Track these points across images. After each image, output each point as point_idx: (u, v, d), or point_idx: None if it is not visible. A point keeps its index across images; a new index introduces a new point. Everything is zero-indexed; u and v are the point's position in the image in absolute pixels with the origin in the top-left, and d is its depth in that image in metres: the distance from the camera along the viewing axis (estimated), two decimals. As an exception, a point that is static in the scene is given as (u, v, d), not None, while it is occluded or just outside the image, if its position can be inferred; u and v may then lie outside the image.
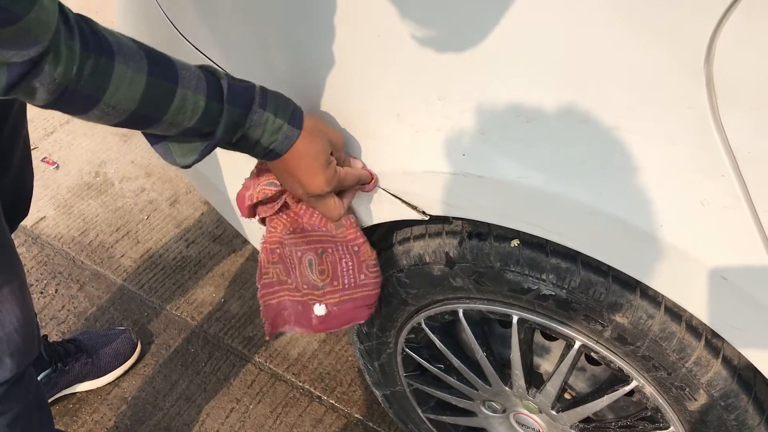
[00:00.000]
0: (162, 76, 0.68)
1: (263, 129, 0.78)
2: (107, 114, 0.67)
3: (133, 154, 2.39)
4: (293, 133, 0.80)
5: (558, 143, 0.73)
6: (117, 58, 0.64)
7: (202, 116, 0.72)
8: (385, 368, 1.28)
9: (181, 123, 0.72)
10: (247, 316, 1.87)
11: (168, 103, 0.69)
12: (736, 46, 0.59)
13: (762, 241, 0.66)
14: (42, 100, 0.62)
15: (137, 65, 0.66)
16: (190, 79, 0.71)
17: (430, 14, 0.76)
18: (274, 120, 0.78)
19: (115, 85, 0.64)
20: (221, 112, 0.74)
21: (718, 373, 0.83)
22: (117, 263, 2.03)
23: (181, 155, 0.77)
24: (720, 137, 0.64)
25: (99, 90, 0.64)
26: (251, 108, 0.76)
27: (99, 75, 0.63)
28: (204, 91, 0.72)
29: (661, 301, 0.83)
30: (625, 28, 0.64)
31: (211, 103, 0.73)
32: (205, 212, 2.17)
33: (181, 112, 0.71)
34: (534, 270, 0.88)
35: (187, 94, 0.70)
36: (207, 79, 0.73)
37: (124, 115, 0.68)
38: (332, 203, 0.89)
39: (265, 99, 0.77)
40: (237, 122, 0.76)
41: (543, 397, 1.05)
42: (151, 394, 1.71)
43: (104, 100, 0.65)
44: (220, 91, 0.73)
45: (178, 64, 0.71)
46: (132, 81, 0.66)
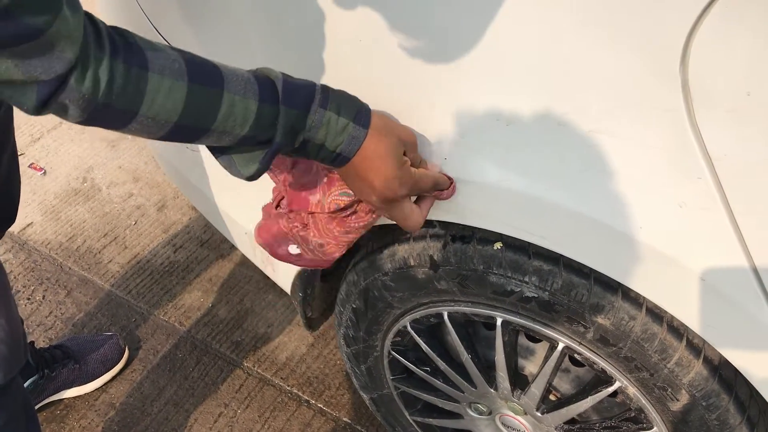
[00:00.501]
0: (204, 83, 0.65)
1: (326, 130, 0.71)
2: (149, 126, 0.63)
3: (120, 159, 2.38)
4: (360, 133, 0.73)
5: (537, 146, 0.74)
6: (151, 68, 0.61)
7: (255, 122, 0.68)
8: (372, 371, 1.28)
9: (233, 131, 0.67)
10: (235, 321, 1.87)
11: (214, 110, 0.65)
12: (710, 49, 0.60)
13: (739, 243, 0.67)
14: (76, 116, 0.60)
15: (175, 73, 0.63)
16: (237, 83, 0.67)
17: (411, 20, 0.77)
18: (337, 120, 0.71)
19: (151, 96, 0.61)
20: (276, 116, 0.68)
21: (699, 373, 0.84)
22: (104, 269, 2.02)
23: (244, 165, 0.73)
24: (696, 140, 0.64)
25: (134, 103, 0.61)
26: (310, 108, 0.70)
27: (132, 87, 0.60)
28: (255, 94, 0.67)
29: (642, 303, 0.84)
30: (602, 32, 0.65)
31: (264, 106, 0.68)
32: (193, 217, 2.16)
33: (231, 119, 0.66)
34: (517, 272, 0.89)
35: (234, 99, 0.66)
36: (258, 82, 0.68)
37: (167, 126, 0.64)
38: (409, 209, 0.80)
39: (326, 97, 0.71)
40: (296, 125, 0.70)
41: (528, 399, 1.06)
42: (138, 399, 1.71)
43: (141, 112, 0.62)
44: (275, 93, 0.68)
45: (224, 68, 0.67)
46: (170, 90, 0.62)
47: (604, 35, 0.65)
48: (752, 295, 0.70)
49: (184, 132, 0.66)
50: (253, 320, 1.87)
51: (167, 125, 0.64)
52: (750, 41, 0.58)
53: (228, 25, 0.96)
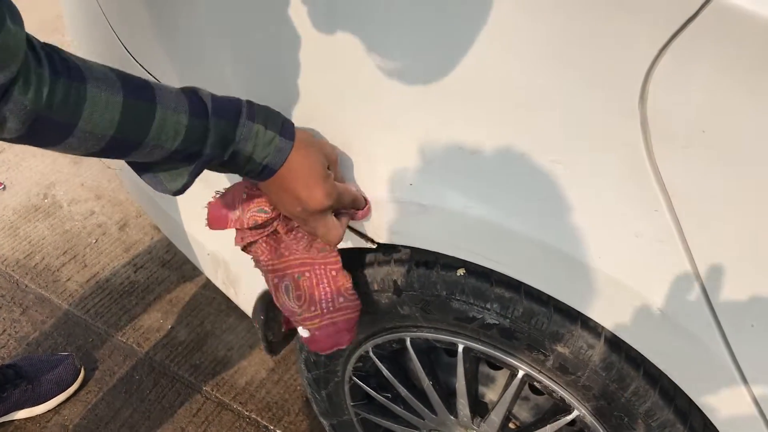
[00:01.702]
0: (138, 97, 0.66)
1: (254, 143, 0.74)
2: (85, 141, 0.64)
3: (83, 176, 2.35)
4: (286, 145, 0.75)
5: (500, 175, 0.75)
6: (89, 82, 0.62)
7: (186, 135, 0.69)
8: (333, 397, 1.27)
9: (165, 145, 0.69)
10: (194, 344, 1.85)
11: (148, 124, 0.67)
12: (668, 86, 0.62)
13: (693, 274, 0.69)
14: (13, 131, 0.59)
15: (111, 88, 0.64)
16: (168, 99, 0.68)
17: (381, 46, 0.78)
18: (264, 132, 0.74)
19: (89, 109, 0.62)
20: (207, 129, 0.70)
21: (655, 403, 0.86)
22: (62, 287, 1.98)
23: (171, 181, 0.74)
24: (654, 173, 0.66)
25: (73, 115, 0.62)
26: (239, 120, 0.72)
27: (72, 99, 0.61)
28: (185, 108, 0.69)
29: (601, 332, 0.85)
30: (565, 67, 0.67)
31: (195, 119, 0.70)
32: (155, 237, 2.14)
33: (164, 132, 0.68)
34: (479, 299, 0.90)
35: (166, 113, 0.68)
36: (188, 97, 0.70)
37: (104, 141, 0.65)
38: (332, 222, 0.83)
39: (252, 111, 0.74)
40: (226, 136, 0.72)
41: (487, 427, 1.06)
42: (93, 421, 1.67)
43: (80, 126, 0.62)
44: (204, 108, 0.71)
45: (155, 85, 0.69)
46: (107, 103, 0.63)
47: (567, 70, 0.66)
48: (705, 325, 0.71)
49: (118, 146, 0.67)
50: (213, 343, 1.85)
51: (104, 139, 0.65)
52: (705, 80, 0.60)
53: (200, 47, 0.96)
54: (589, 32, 0.64)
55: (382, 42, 0.77)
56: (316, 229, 0.83)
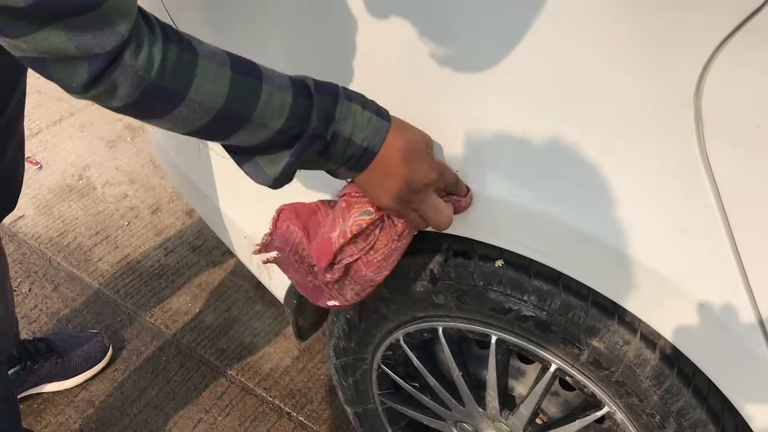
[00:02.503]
0: (246, 73, 0.67)
1: (353, 122, 0.74)
2: (193, 112, 0.65)
3: (118, 160, 2.38)
4: (383, 125, 0.76)
5: (549, 164, 0.75)
6: (200, 53, 0.64)
7: (291, 113, 0.70)
8: (359, 385, 1.28)
9: (270, 123, 0.70)
10: (221, 328, 1.87)
11: (255, 99, 0.68)
12: (724, 80, 0.62)
13: (739, 272, 0.69)
14: (124, 97, 0.61)
15: (220, 61, 0.65)
16: (273, 77, 0.70)
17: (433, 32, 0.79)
18: (362, 112, 0.75)
19: (200, 79, 0.63)
20: (310, 107, 0.71)
21: (688, 402, 0.85)
22: (94, 267, 2.01)
23: (271, 165, 0.75)
24: (705, 168, 0.66)
25: (184, 84, 0.63)
26: (338, 100, 0.73)
27: (183, 68, 0.62)
28: (289, 88, 0.71)
29: (637, 328, 0.85)
30: (621, 58, 0.67)
31: (298, 99, 0.71)
32: (187, 222, 2.17)
33: (269, 109, 0.69)
34: (516, 291, 0.90)
35: (273, 90, 0.69)
36: (290, 78, 0.72)
37: (211, 113, 0.66)
38: (440, 203, 0.80)
39: (349, 93, 0.75)
40: (327, 113, 0.73)
41: (515, 420, 1.06)
42: (119, 399, 1.69)
43: (189, 95, 0.63)
44: (306, 87, 0.72)
45: (260, 65, 0.70)
46: (217, 76, 0.65)
47: (623, 60, 0.67)
48: (749, 326, 0.71)
49: (224, 121, 0.68)
50: (239, 329, 1.87)
51: (211, 112, 0.66)
52: (762, 75, 0.60)
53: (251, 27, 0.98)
54: (648, 22, 0.64)
55: (433, 28, 0.78)
56: (425, 210, 0.80)
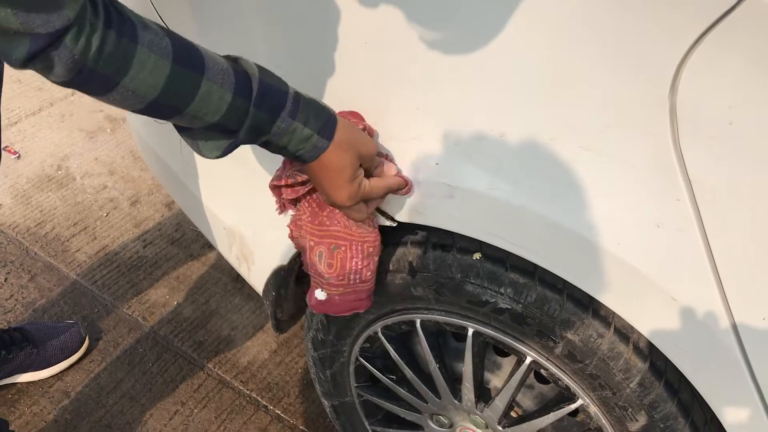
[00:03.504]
0: (187, 66, 0.66)
1: (290, 138, 0.75)
2: (127, 98, 0.65)
3: (97, 151, 2.37)
4: (322, 144, 0.76)
5: (527, 158, 0.77)
6: (140, 41, 0.63)
7: (226, 113, 0.70)
8: (337, 378, 1.29)
9: (204, 117, 0.69)
10: (199, 321, 1.86)
11: (191, 95, 0.67)
12: (699, 78, 0.64)
13: (710, 266, 0.71)
14: (59, 75, 0.61)
15: (161, 52, 0.64)
16: (216, 72, 0.68)
17: (416, 26, 0.79)
18: (302, 129, 0.74)
19: (136, 69, 0.63)
20: (246, 113, 0.71)
21: (660, 395, 0.87)
22: (71, 257, 2.00)
23: (206, 148, 0.75)
24: (678, 163, 0.68)
25: (118, 72, 0.62)
26: (279, 115, 0.72)
27: (119, 56, 0.62)
28: (231, 85, 0.69)
29: (611, 322, 0.87)
30: (598, 55, 0.68)
31: (238, 99, 0.70)
32: (166, 215, 2.16)
33: (206, 105, 0.68)
34: (493, 283, 0.91)
35: (212, 87, 0.68)
36: (236, 74, 0.70)
37: (145, 102, 0.66)
38: (354, 211, 0.86)
39: (296, 107, 0.74)
40: (262, 128, 0.73)
41: (491, 412, 1.08)
42: (94, 390, 1.68)
43: (123, 83, 0.63)
44: (249, 90, 0.71)
45: (206, 55, 0.69)
46: (155, 67, 0.64)
47: (599, 57, 0.68)
48: (719, 319, 0.73)
49: (159, 109, 0.68)
50: (217, 322, 1.87)
51: (145, 100, 0.66)
52: (736, 73, 0.62)
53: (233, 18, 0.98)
54: (625, 19, 0.65)
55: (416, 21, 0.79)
56: (341, 210, 0.87)
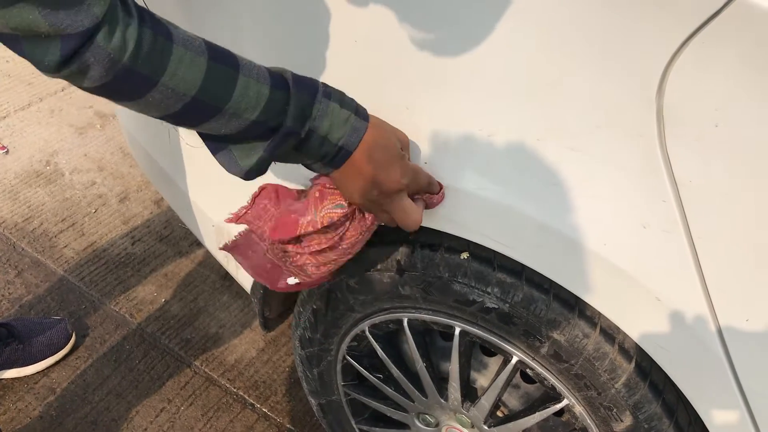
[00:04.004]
0: (222, 62, 0.66)
1: (330, 121, 0.73)
2: (166, 98, 0.64)
3: (87, 147, 2.36)
4: (361, 125, 0.75)
5: (516, 158, 0.77)
6: (175, 40, 0.63)
7: (266, 106, 0.69)
8: (324, 376, 1.29)
9: (244, 114, 0.69)
10: (187, 318, 1.86)
11: (230, 89, 0.67)
12: (685, 80, 0.64)
13: (695, 267, 0.71)
14: (96, 79, 0.59)
15: (196, 49, 0.64)
16: (251, 68, 0.69)
17: (405, 26, 0.80)
18: (340, 111, 0.73)
19: (174, 65, 0.62)
20: (287, 100, 0.70)
21: (644, 395, 0.88)
22: (59, 253, 1.99)
23: (244, 156, 0.73)
24: (665, 164, 0.68)
25: (157, 70, 0.62)
26: (316, 97, 0.72)
27: (157, 53, 0.61)
28: (267, 80, 0.69)
29: (597, 322, 0.87)
30: (586, 55, 0.69)
31: (276, 91, 0.69)
32: (155, 212, 2.15)
33: (244, 100, 0.68)
34: (480, 283, 0.92)
35: (249, 81, 0.68)
36: (269, 71, 0.71)
37: (184, 100, 0.65)
38: (410, 205, 0.81)
39: (328, 90, 0.74)
40: (304, 110, 0.71)
41: (477, 411, 1.08)
42: (80, 386, 1.67)
43: (163, 81, 0.62)
44: (284, 81, 0.71)
45: (238, 55, 0.69)
46: (192, 63, 0.63)
47: (589, 58, 0.69)
48: (704, 321, 0.74)
49: (198, 109, 0.67)
50: (205, 319, 1.86)
51: (184, 98, 0.65)
52: (722, 76, 0.63)
53: (222, 18, 0.98)
54: (614, 21, 0.66)
55: (407, 23, 0.79)
56: (394, 212, 0.81)
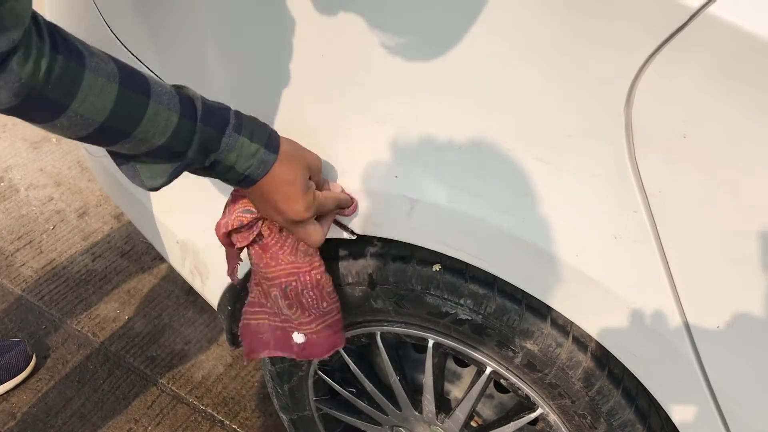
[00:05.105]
0: (134, 89, 0.66)
1: (237, 154, 0.75)
2: (75, 123, 0.64)
3: (42, 161, 2.30)
4: (269, 158, 0.77)
5: (487, 170, 0.77)
6: (88, 65, 0.62)
7: (174, 133, 0.70)
8: (295, 392, 1.27)
9: (152, 140, 0.69)
10: (151, 335, 1.82)
11: (139, 116, 0.67)
12: (654, 91, 0.65)
13: (666, 276, 0.72)
14: (3, 102, 0.59)
15: (108, 75, 0.64)
16: (162, 94, 0.69)
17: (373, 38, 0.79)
18: (249, 144, 0.75)
19: (84, 92, 0.62)
20: (194, 131, 0.71)
21: (618, 402, 0.88)
22: (16, 272, 1.93)
23: (150, 177, 0.74)
24: (634, 175, 0.69)
25: (67, 96, 0.61)
26: (225, 131, 0.73)
27: (68, 80, 0.61)
28: (177, 107, 0.70)
29: (569, 331, 0.88)
30: (555, 66, 0.69)
31: (184, 120, 0.70)
32: (115, 227, 2.11)
33: (153, 127, 0.68)
34: (453, 294, 0.91)
35: (159, 108, 0.68)
36: (180, 97, 0.71)
37: (93, 126, 0.65)
38: (312, 229, 0.85)
39: (240, 123, 0.75)
40: (210, 145, 0.73)
41: (451, 423, 1.08)
42: (42, 410, 1.63)
43: (72, 107, 0.62)
44: (194, 110, 0.71)
45: (151, 79, 0.69)
46: (102, 90, 0.63)
47: (558, 69, 0.69)
48: (675, 328, 0.74)
49: (106, 134, 0.67)
50: (170, 336, 1.83)
51: (94, 124, 0.65)
52: (689, 88, 0.63)
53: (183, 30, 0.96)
54: (582, 33, 0.66)
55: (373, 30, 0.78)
56: (298, 235, 0.86)
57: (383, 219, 0.87)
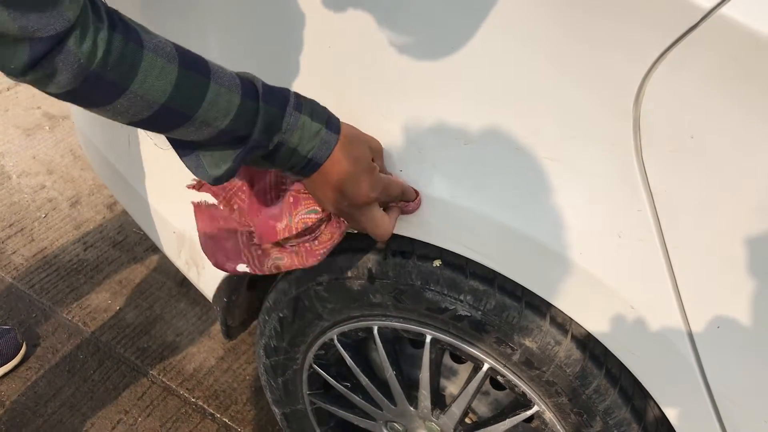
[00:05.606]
0: (194, 69, 0.65)
1: (300, 134, 0.72)
2: (134, 105, 0.62)
3: (35, 149, 2.28)
4: (332, 138, 0.74)
5: (493, 167, 0.77)
6: (146, 45, 0.61)
7: (236, 115, 0.68)
8: (289, 385, 1.27)
9: (214, 122, 0.67)
10: (143, 326, 1.81)
11: (200, 98, 0.66)
12: (662, 92, 0.65)
13: (668, 275, 0.72)
14: (63, 84, 0.57)
15: (168, 55, 0.63)
16: (222, 76, 0.67)
17: (381, 33, 0.79)
18: (311, 123, 0.73)
19: (144, 72, 0.61)
20: (257, 111, 0.69)
21: (614, 401, 0.89)
22: (7, 260, 1.92)
23: (214, 165, 0.72)
24: (641, 174, 0.69)
25: (126, 77, 0.60)
26: (286, 109, 0.71)
27: (127, 60, 0.59)
28: (238, 88, 0.68)
29: (568, 329, 0.88)
30: (564, 65, 0.69)
31: (246, 101, 0.68)
32: (108, 216, 2.09)
33: (215, 109, 0.66)
34: (453, 290, 0.91)
35: (220, 89, 0.67)
36: (240, 78, 0.69)
37: (153, 107, 0.63)
38: (380, 216, 0.80)
39: (299, 102, 0.73)
40: (273, 123, 0.71)
41: (447, 419, 1.08)
42: (32, 399, 1.62)
43: (132, 88, 0.61)
44: (255, 91, 0.70)
45: (210, 61, 0.68)
46: (162, 70, 0.62)
47: (567, 68, 0.69)
48: (675, 328, 0.75)
49: (167, 116, 0.65)
50: (162, 327, 1.82)
51: (154, 106, 0.63)
52: (698, 89, 0.64)
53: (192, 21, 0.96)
54: (592, 33, 0.66)
55: (381, 29, 0.78)
56: (365, 224, 0.81)
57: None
